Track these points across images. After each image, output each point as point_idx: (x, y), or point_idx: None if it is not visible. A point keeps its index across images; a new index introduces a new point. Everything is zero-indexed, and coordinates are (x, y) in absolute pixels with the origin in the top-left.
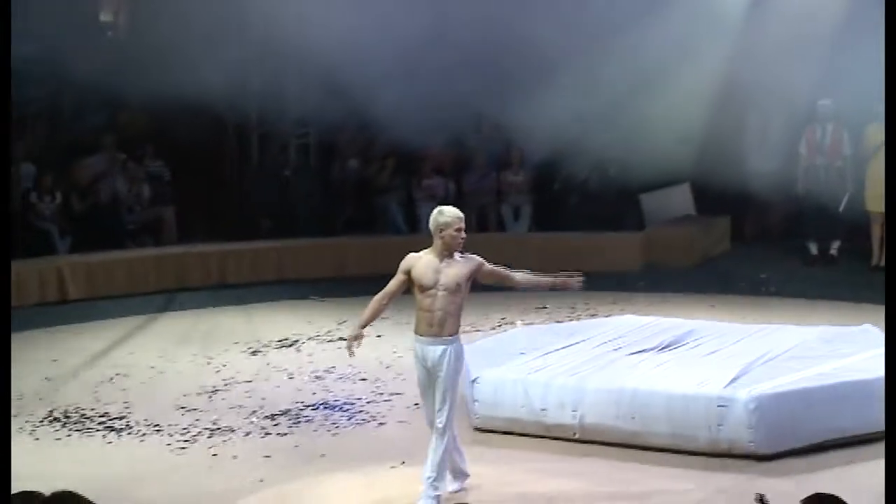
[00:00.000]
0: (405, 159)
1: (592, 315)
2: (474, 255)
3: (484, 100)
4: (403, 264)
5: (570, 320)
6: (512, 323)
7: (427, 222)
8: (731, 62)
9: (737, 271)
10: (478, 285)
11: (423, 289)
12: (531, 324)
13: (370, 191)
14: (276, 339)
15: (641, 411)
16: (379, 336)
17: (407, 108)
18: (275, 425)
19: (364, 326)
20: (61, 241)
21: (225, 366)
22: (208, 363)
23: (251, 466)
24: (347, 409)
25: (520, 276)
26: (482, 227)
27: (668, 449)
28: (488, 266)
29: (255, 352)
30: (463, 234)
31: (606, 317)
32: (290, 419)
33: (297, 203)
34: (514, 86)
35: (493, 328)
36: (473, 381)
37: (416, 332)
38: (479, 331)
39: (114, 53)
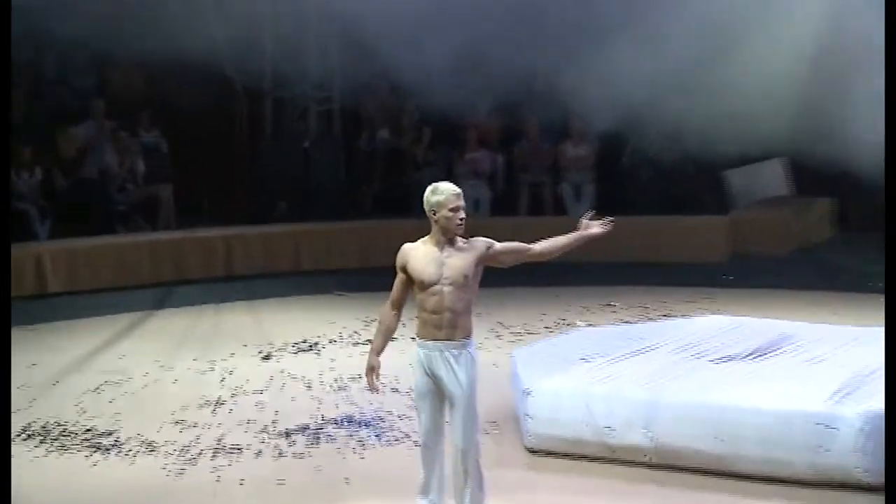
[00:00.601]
0: (444, 129)
1: (668, 315)
2: (480, 237)
3: (537, 59)
4: (398, 259)
5: (642, 321)
6: (572, 324)
7: (473, 202)
8: (832, 16)
9: (840, 263)
10: (517, 277)
11: (425, 286)
12: (595, 325)
13: (403, 166)
14: (292, 342)
15: (728, 431)
16: (413, 338)
17: (446, 69)
18: (290, 444)
19: (379, 353)
20: (41, 225)
21: (231, 373)
22: (211, 370)
23: (262, 493)
24: (377, 426)
25: (540, 245)
26: (535, 209)
27: (760, 476)
28: (498, 246)
29: (266, 356)
30: (461, 215)
31: (685, 317)
32: (308, 437)
33: (318, 180)
34: (572, 43)
35: (549, 330)
36: (526, 393)
37: (421, 337)
38: (532, 333)
39: (103, 5)
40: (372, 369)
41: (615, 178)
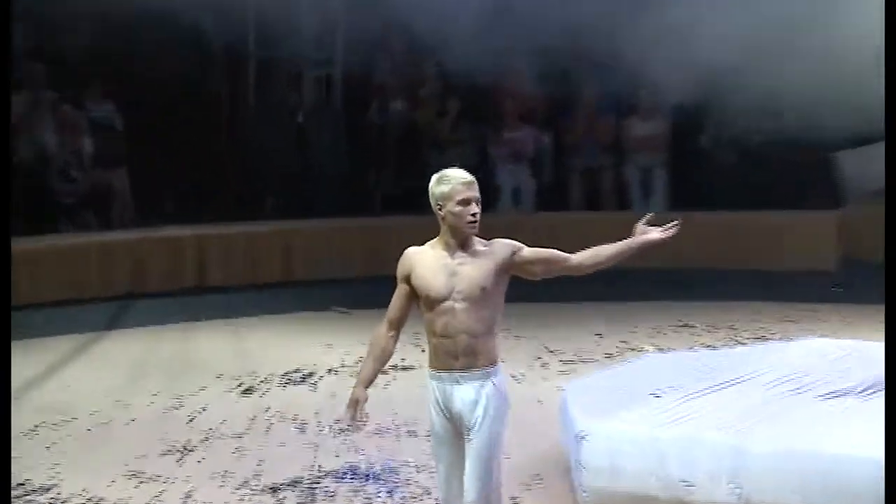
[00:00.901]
0: (476, 100)
1: (762, 338)
2: (502, 240)
3: (593, 10)
4: (400, 267)
5: (728, 345)
6: (638, 348)
7: (512, 193)
8: None
9: None
10: (564, 288)
11: (433, 302)
12: (667, 350)
13: (423, 147)
14: (281, 372)
15: (838, 487)
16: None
17: (477, 23)
18: (278, 502)
19: (368, 383)
20: None
21: (203, 410)
22: (177, 407)
23: None
24: (388, 479)
25: (580, 255)
26: (592, 201)
27: None
28: (527, 252)
29: (248, 390)
30: (473, 210)
31: (783, 340)
32: (301, 493)
33: (315, 165)
34: None
35: (609, 356)
36: (580, 437)
37: (433, 368)
38: (586, 361)
39: None
40: (356, 403)
41: (692, 162)
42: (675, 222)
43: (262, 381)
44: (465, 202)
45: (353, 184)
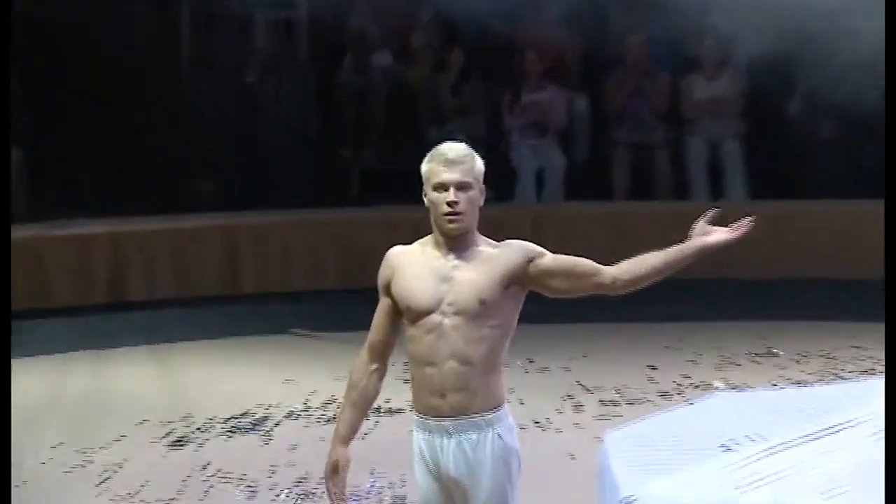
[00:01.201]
0: (486, 50)
1: (868, 370)
2: (517, 241)
3: None
4: (381, 273)
5: (823, 380)
6: (704, 385)
7: (535, 176)
8: None
9: None
10: (602, 305)
11: (415, 314)
12: (742, 387)
13: (417, 114)
14: (224, 416)
15: None
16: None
17: None
18: None
19: (348, 439)
20: None
21: (120, 468)
22: (85, 464)
23: None
24: None
25: (617, 268)
26: (641, 187)
27: None
28: (548, 259)
29: (180, 440)
30: (449, 197)
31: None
32: None
33: (271, 139)
34: None
35: (664, 396)
36: (627, 503)
37: (418, 412)
38: (633, 402)
39: None
40: (336, 470)
41: (776, 136)
42: (749, 218)
43: (198, 429)
44: (441, 187)
45: (322, 164)
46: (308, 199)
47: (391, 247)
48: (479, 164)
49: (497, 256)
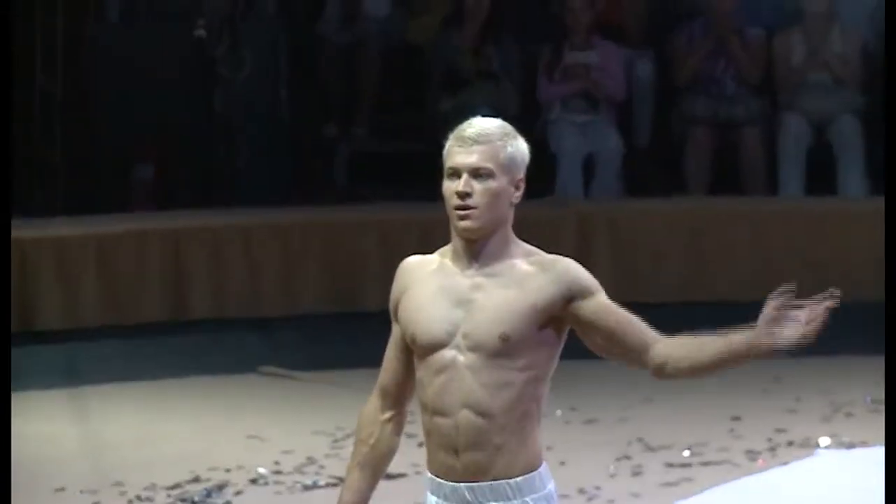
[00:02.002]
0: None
1: None
2: (570, 263)
3: None
4: (392, 291)
5: None
6: (806, 443)
7: (582, 159)
8: None
9: None
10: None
11: (423, 349)
12: (852, 445)
13: (424, 82)
14: (169, 483)
15: None
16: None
17: None
18: None
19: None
20: None
21: None
22: None
23: None
24: None
25: (668, 348)
26: (727, 178)
27: None
28: (593, 306)
29: None
30: (460, 186)
31: None
32: None
33: (229, 114)
34: None
35: (752, 455)
36: None
37: (431, 472)
38: (712, 464)
39: None
40: None
41: None
42: (835, 295)
43: (136, 499)
44: (453, 172)
45: (297, 147)
46: (279, 194)
47: (373, 262)
48: (514, 148)
49: (533, 278)
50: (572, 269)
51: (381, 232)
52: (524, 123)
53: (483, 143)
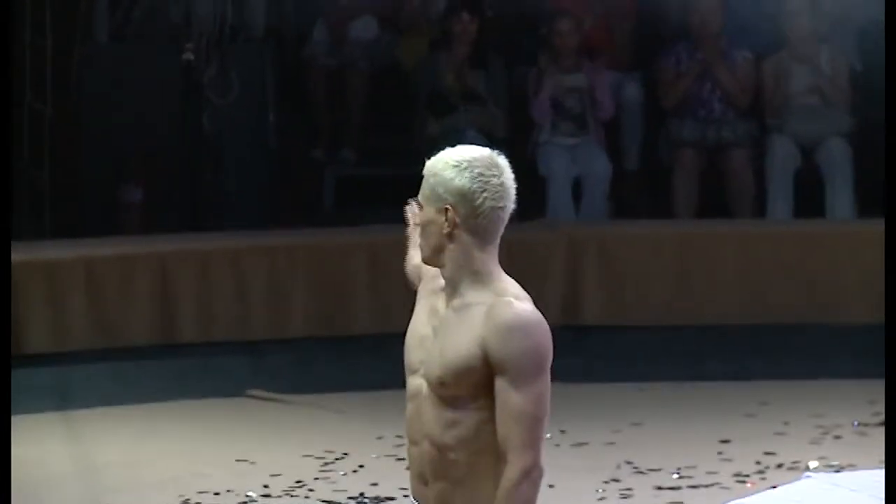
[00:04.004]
0: (507, 20)
1: None
2: (506, 322)
3: None
4: (424, 278)
5: None
6: (794, 466)
7: (571, 182)
8: None
9: None
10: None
11: (406, 368)
12: (840, 468)
13: (410, 104)
14: None
15: None
16: None
17: None
18: None
19: None
20: None
21: None
22: None
23: None
24: None
25: (503, 485)
26: (716, 204)
27: None
28: (504, 388)
29: None
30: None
31: None
32: None
33: (215, 135)
34: None
35: (740, 479)
36: None
37: (412, 496)
38: (701, 486)
39: None
40: None
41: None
42: None
43: None
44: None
45: (285, 170)
46: (267, 217)
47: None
48: (450, 181)
49: (478, 327)
50: (500, 334)
51: (369, 255)
52: (512, 146)
53: (425, 176)
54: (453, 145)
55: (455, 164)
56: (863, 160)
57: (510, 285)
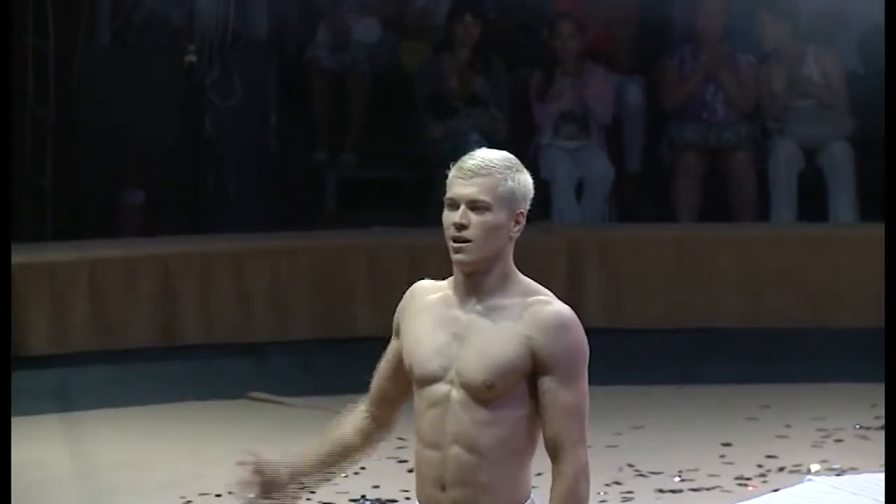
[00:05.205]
0: (508, 22)
1: None
2: (565, 313)
3: None
4: (398, 311)
5: None
6: (795, 468)
7: (574, 185)
8: None
9: None
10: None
11: (419, 380)
12: (842, 471)
13: (412, 106)
14: None
15: None
16: None
17: None
18: None
19: (310, 471)
20: None
21: None
22: None
23: None
24: None
25: (559, 480)
26: (718, 207)
27: None
28: (550, 390)
29: None
30: (455, 217)
31: None
32: None
33: (218, 138)
34: None
35: (742, 482)
36: None
37: (419, 501)
38: (703, 489)
39: None
40: (268, 481)
41: None
42: None
43: None
44: (452, 203)
45: (286, 173)
46: (269, 219)
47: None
48: (515, 182)
49: (520, 326)
50: (547, 331)
51: (370, 257)
52: (514, 150)
53: (483, 176)
54: (455, 148)
55: (516, 164)
56: (866, 163)
57: (534, 284)
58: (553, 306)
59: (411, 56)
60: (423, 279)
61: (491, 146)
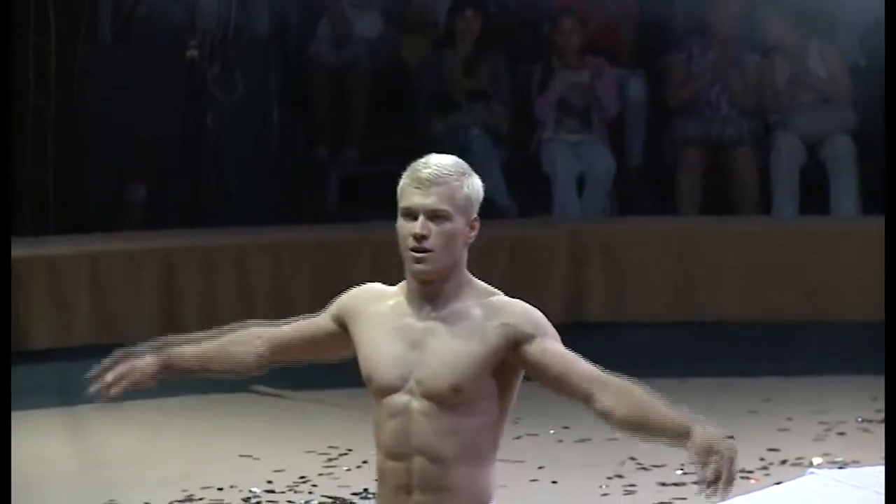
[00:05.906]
0: (511, 19)
1: None
2: (524, 307)
3: None
4: (342, 301)
5: None
6: (797, 461)
7: (575, 179)
8: None
9: None
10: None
11: (378, 391)
12: (844, 464)
13: (414, 102)
14: (159, 502)
15: None
16: None
17: None
18: None
19: (179, 364)
20: None
21: None
22: None
23: None
24: None
25: (612, 399)
26: (719, 201)
27: None
28: (538, 350)
29: None
30: (415, 228)
31: None
32: None
33: (219, 135)
34: None
35: (746, 475)
36: None
37: None
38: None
39: None
40: (134, 372)
41: None
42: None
43: None
44: (408, 213)
45: (288, 169)
46: (270, 215)
47: (366, 282)
48: (470, 188)
49: (482, 325)
50: (518, 314)
51: (372, 252)
52: (515, 144)
53: (440, 185)
54: (458, 143)
55: (467, 170)
56: (867, 158)
57: (489, 286)
58: (517, 300)
59: (413, 51)
60: (372, 283)
61: (494, 140)
